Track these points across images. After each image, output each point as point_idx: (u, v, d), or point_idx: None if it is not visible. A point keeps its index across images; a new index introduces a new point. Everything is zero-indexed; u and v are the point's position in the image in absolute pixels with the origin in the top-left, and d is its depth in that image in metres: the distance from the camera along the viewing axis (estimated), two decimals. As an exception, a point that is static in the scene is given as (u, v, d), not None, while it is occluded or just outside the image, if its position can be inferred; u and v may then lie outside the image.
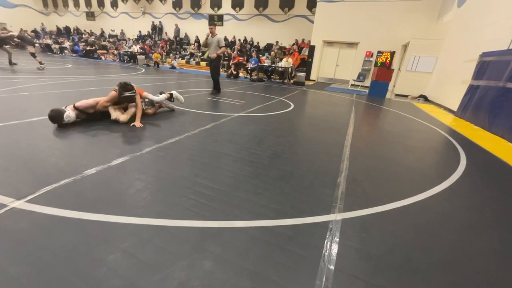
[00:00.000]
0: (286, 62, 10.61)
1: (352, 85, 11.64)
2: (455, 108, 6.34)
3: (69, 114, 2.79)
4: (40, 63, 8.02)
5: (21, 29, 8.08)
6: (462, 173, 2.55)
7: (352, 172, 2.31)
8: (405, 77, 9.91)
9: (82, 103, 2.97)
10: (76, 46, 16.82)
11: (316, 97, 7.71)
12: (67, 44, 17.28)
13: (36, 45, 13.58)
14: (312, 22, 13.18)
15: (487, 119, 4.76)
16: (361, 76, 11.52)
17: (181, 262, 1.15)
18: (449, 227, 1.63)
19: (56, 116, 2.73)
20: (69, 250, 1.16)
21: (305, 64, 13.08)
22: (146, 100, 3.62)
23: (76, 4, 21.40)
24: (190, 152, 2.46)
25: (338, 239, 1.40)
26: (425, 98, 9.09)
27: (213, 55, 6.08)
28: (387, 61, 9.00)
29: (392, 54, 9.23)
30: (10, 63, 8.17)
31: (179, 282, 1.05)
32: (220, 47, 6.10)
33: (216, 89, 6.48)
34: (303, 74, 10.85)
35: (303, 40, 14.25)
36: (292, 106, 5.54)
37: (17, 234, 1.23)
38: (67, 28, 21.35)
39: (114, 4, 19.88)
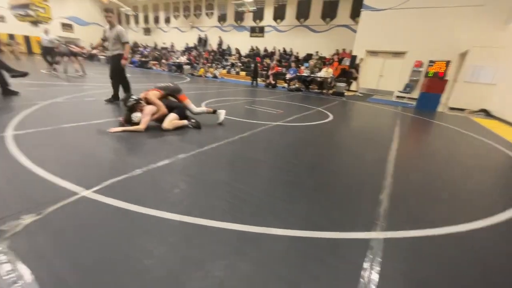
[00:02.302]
0: (326, 72, 10.43)
1: (397, 96, 10.88)
2: (526, 126, 5.48)
3: (137, 115, 3.17)
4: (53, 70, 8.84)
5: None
6: (535, 201, 2.19)
7: (397, 190, 2.16)
8: (462, 89, 8.91)
9: (147, 112, 3.17)
10: (133, 58, 18.98)
11: (357, 108, 7.39)
12: (126, 56, 19.62)
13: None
14: (355, 31, 12.79)
15: None
16: (408, 87, 10.70)
17: (221, 261, 1.21)
18: (517, 262, 1.41)
19: (125, 99, 3.19)
20: (124, 238, 1.31)
21: (345, 75, 12.66)
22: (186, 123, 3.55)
23: (136, 21, 24.32)
24: (229, 158, 2.58)
25: (380, 259, 1.32)
26: (486, 113, 8.04)
27: (112, 54, 4.53)
28: (441, 71, 8.20)
29: (447, 63, 8.38)
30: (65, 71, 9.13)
31: (220, 280, 1.10)
32: (123, 44, 4.49)
33: (115, 97, 4.87)
34: (343, 85, 10.51)
35: (343, 50, 13.88)
36: (331, 117, 5.40)
37: (85, 220, 1.44)
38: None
39: (167, 20, 22.16)
